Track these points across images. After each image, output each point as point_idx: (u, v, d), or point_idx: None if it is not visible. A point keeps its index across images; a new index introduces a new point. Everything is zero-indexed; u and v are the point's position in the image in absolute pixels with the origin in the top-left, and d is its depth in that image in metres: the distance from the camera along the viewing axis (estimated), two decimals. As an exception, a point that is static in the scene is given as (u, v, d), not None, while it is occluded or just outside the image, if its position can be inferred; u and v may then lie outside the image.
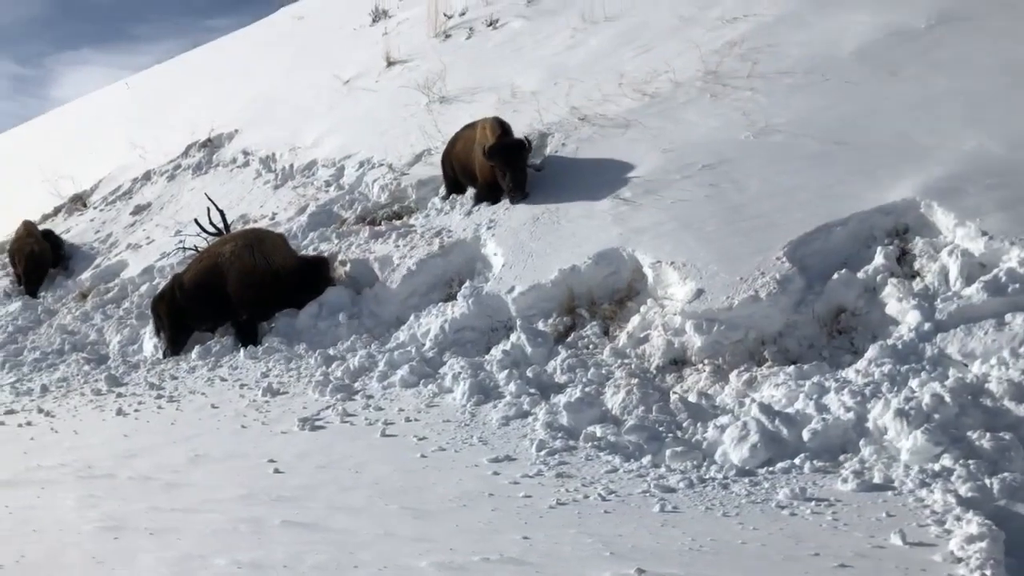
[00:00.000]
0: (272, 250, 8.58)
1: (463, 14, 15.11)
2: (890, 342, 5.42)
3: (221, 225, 9.98)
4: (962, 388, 4.82)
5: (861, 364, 5.39)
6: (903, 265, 6.05)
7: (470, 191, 9.17)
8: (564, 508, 3.78)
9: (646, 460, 4.49)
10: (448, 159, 9.43)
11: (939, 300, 5.58)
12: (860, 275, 6.00)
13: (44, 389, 8.03)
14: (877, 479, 4.00)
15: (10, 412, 7.04)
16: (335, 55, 17.07)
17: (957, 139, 6.68)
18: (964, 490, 3.69)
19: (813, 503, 3.72)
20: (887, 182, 6.50)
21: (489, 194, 8.70)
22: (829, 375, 5.38)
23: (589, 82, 10.20)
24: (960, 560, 2.95)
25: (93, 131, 22.82)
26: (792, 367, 5.58)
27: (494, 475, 4.38)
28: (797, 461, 4.35)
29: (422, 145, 10.75)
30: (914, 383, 4.95)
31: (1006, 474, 3.82)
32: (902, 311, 5.63)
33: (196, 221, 10.16)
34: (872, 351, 5.41)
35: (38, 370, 9.15)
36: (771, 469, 4.28)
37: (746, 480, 4.13)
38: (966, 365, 5.12)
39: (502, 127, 8.50)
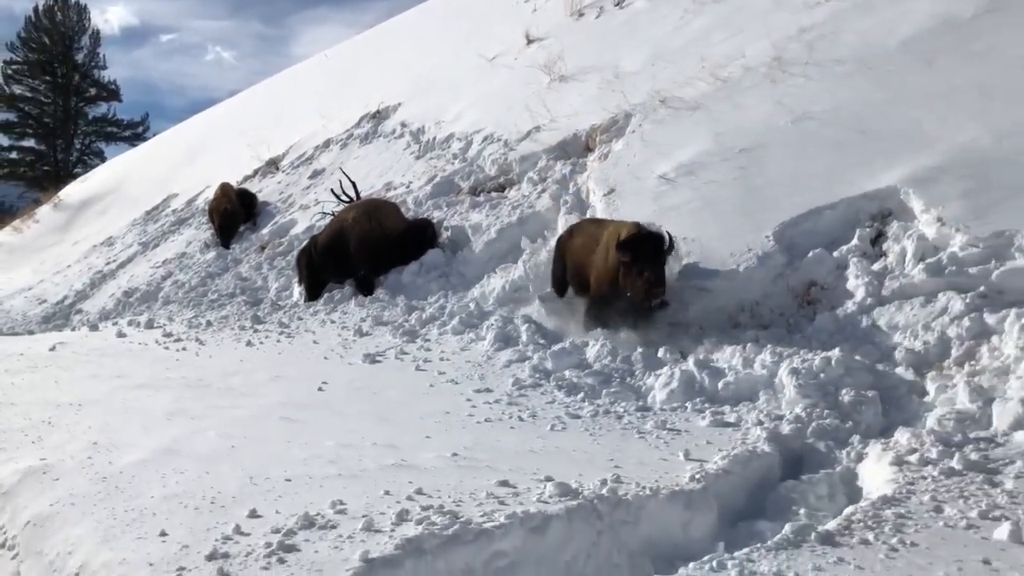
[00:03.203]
0: (385, 217, 10.31)
1: (598, -8, 16.14)
2: (836, 312, 6.33)
3: (353, 194, 11.84)
4: (869, 353, 5.74)
5: (808, 331, 6.35)
6: (876, 246, 6.83)
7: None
8: (487, 423, 5.15)
9: (579, 395, 5.75)
10: (561, 251, 8.16)
11: (888, 278, 6.38)
12: (835, 254, 6.85)
13: (208, 324, 10.21)
14: (730, 419, 5.10)
15: (177, 340, 9.14)
16: (493, 32, 18.57)
17: (957, 130, 7.22)
18: (774, 429, 4.74)
19: (664, 431, 4.88)
20: (882, 169, 7.21)
21: (602, 307, 7.29)
22: (778, 340, 6.35)
23: (679, 65, 11.11)
24: (702, 462, 4.09)
25: (293, 100, 25.74)
26: (753, 331, 6.61)
27: (466, 400, 5.79)
28: (688, 404, 5.48)
29: (533, 123, 12.05)
30: (837, 349, 5.86)
31: (813, 422, 4.82)
32: (856, 286, 6.47)
33: (332, 190, 12.11)
34: (819, 320, 6.35)
35: (211, 309, 11.47)
36: (663, 408, 5.44)
37: (639, 414, 5.31)
38: (889, 335, 5.96)
39: (638, 227, 7.08)
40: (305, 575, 2.70)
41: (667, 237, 6.95)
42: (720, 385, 5.73)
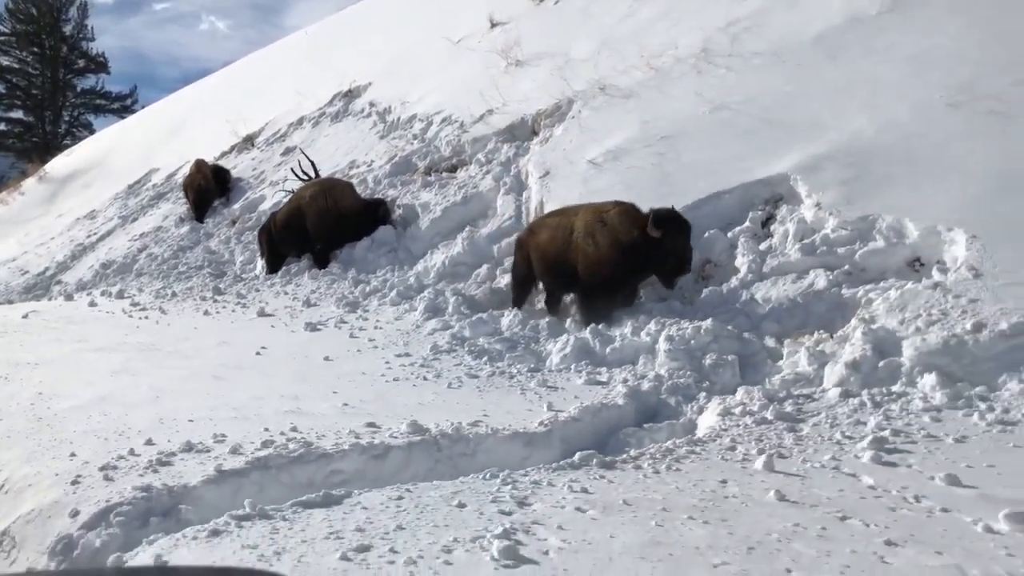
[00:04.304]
0: (340, 195, 10.99)
1: (560, -23, 16.71)
2: (720, 287, 7.06)
3: (312, 173, 12.52)
4: (741, 323, 6.47)
5: (697, 303, 7.08)
6: (765, 228, 7.56)
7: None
8: (394, 382, 5.88)
9: (484, 359, 6.48)
10: (524, 250, 8.00)
11: (769, 256, 7.12)
12: (730, 234, 7.57)
13: (174, 294, 10.92)
14: (603, 378, 5.84)
15: (143, 309, 9.84)
16: (462, 14, 19.13)
17: (848, 121, 7.94)
18: (635, 386, 5.48)
19: (544, 388, 5.63)
20: (778, 157, 7.92)
21: (603, 292, 7.25)
22: (669, 311, 7.08)
23: (621, 53, 11.76)
24: (558, 411, 4.83)
25: (273, 76, 26.25)
26: (652, 303, 7.34)
27: (385, 363, 6.51)
28: (574, 366, 6.21)
29: (487, 106, 12.68)
30: (709, 319, 6.58)
31: (671, 380, 5.56)
32: (741, 264, 7.20)
33: (292, 169, 12.77)
34: (705, 294, 7.08)
35: (178, 280, 12.16)
36: (553, 369, 6.18)
37: (530, 373, 6.05)
38: (762, 307, 6.70)
39: (621, 205, 7.38)
40: (169, 480, 3.45)
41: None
42: (608, 351, 6.47)
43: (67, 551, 3.06)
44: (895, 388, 5.05)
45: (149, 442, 3.99)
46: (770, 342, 6.22)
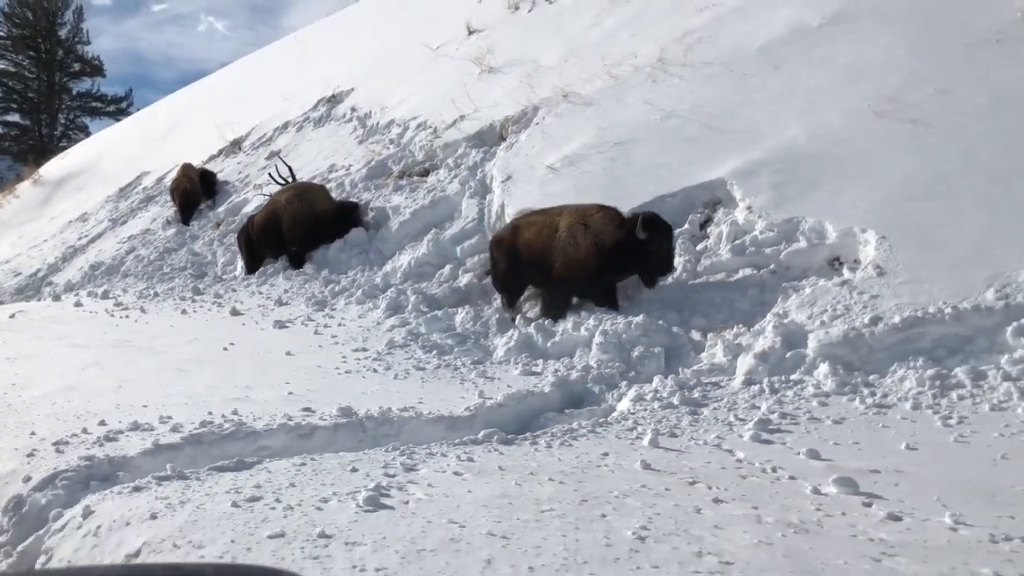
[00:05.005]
0: (315, 199, 11.48)
1: (535, -14, 17.20)
2: (660, 286, 7.54)
3: (289, 176, 13.01)
4: (671, 319, 6.95)
5: (637, 300, 7.57)
6: (703, 230, 8.05)
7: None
8: (346, 374, 6.35)
9: (434, 352, 6.97)
10: (510, 249, 8.08)
11: (704, 256, 7.61)
12: (671, 235, 8.04)
13: (156, 295, 11.40)
14: (537, 369, 6.33)
15: (124, 309, 10.31)
16: (443, 21, 19.62)
17: (784, 129, 8.43)
18: (564, 375, 5.97)
19: (482, 379, 6.11)
20: (719, 162, 8.40)
21: (572, 290, 7.67)
22: (611, 308, 7.56)
23: (585, 62, 12.25)
24: (487, 399, 5.31)
25: (262, 81, 26.74)
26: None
27: (342, 357, 6.99)
28: (514, 358, 6.70)
29: (459, 112, 13.18)
30: (642, 315, 7.07)
31: (598, 371, 6.04)
32: (679, 263, 7.68)
33: (269, 174, 13.27)
34: (644, 292, 7.57)
35: (161, 281, 12.64)
36: (495, 362, 6.67)
37: (473, 365, 6.53)
38: (693, 303, 7.19)
39: (603, 209, 7.67)
40: (111, 453, 3.94)
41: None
42: (549, 344, 6.95)
43: (17, 508, 3.57)
44: (794, 376, 5.54)
45: (102, 423, 4.47)
46: (696, 335, 6.70)
